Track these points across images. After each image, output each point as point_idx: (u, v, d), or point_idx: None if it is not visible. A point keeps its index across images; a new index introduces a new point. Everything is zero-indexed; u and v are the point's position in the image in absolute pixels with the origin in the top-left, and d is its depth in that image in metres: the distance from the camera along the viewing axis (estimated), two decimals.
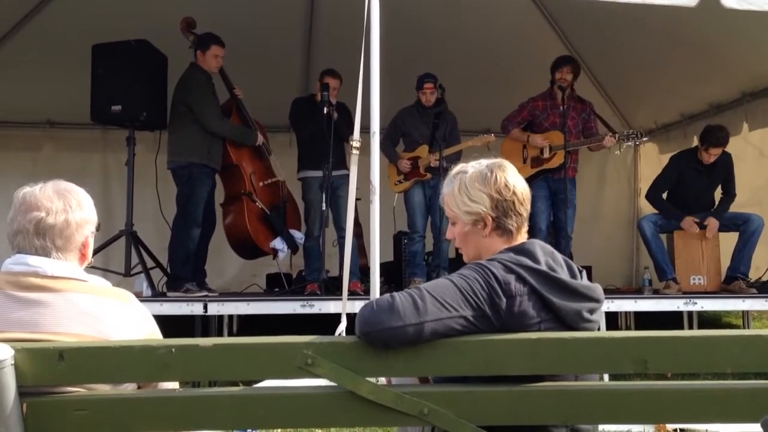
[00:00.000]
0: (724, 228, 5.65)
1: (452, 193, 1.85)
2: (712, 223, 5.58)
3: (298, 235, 5.86)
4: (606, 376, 2.54)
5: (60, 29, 6.22)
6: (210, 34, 5.37)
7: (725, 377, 1.63)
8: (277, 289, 6.10)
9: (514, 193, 1.80)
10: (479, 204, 1.80)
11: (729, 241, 5.66)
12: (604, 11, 4.87)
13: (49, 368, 1.52)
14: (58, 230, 1.72)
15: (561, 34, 7.21)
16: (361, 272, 5.56)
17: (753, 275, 5.63)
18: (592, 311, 1.69)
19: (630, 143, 5.87)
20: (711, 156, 5.62)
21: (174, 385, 1.74)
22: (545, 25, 7.08)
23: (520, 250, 1.71)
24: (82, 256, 1.80)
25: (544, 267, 1.66)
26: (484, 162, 1.86)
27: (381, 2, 3.91)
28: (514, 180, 1.82)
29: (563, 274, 1.69)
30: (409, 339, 1.54)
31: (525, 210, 1.83)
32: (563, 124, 5.67)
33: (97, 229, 1.85)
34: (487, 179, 1.80)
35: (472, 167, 1.85)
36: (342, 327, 3.94)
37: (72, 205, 1.75)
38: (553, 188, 5.74)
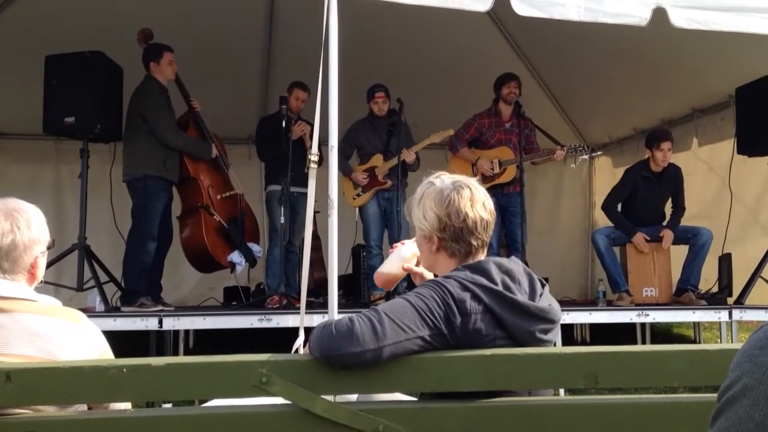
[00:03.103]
0: (674, 241, 5.78)
1: (414, 202, 1.87)
2: (668, 234, 5.70)
3: (257, 249, 5.82)
4: (562, 391, 2.57)
5: (12, 39, 6.09)
6: (157, 43, 5.34)
7: (679, 391, 1.68)
8: (234, 303, 6.04)
9: (464, 220, 1.77)
10: (429, 222, 1.81)
11: (679, 253, 5.79)
12: (559, 29, 4.96)
13: None
14: (5, 252, 1.69)
15: (518, 51, 7.33)
16: (320, 285, 5.54)
17: (703, 287, 5.76)
18: (546, 331, 1.70)
19: (581, 156, 6.00)
20: (664, 153, 5.69)
21: (126, 405, 1.71)
22: (503, 42, 7.18)
23: (476, 268, 1.71)
24: (32, 276, 1.76)
25: (499, 287, 1.67)
26: (451, 179, 1.84)
27: (340, 16, 3.93)
28: (469, 207, 1.78)
29: (520, 293, 1.70)
30: (368, 363, 1.56)
31: (477, 238, 1.79)
32: (509, 140, 5.80)
33: (50, 247, 1.81)
34: (442, 200, 1.79)
35: (440, 181, 1.84)
36: (299, 341, 3.92)
37: (20, 226, 1.71)
38: (503, 203, 5.83)
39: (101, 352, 1.74)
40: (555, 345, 1.77)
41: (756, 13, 4.22)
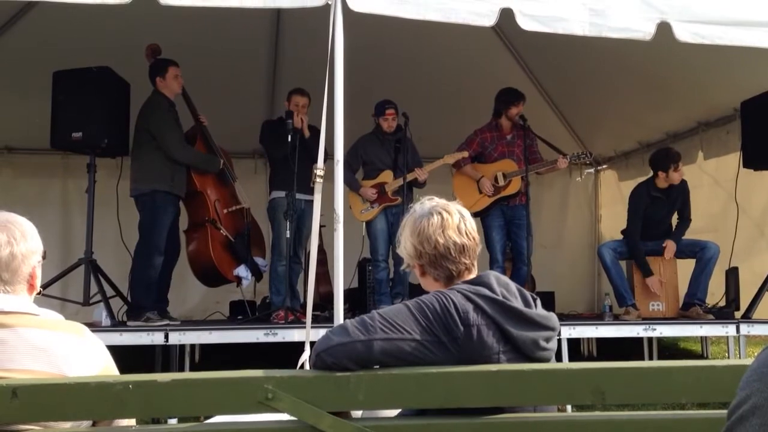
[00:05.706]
0: (681, 255, 5.76)
1: (399, 229, 1.92)
2: (670, 245, 5.69)
3: (262, 263, 5.82)
4: (569, 407, 2.55)
5: (20, 55, 6.14)
6: (162, 58, 5.37)
7: (687, 407, 1.66)
8: (240, 317, 6.03)
9: (436, 248, 1.80)
10: (407, 251, 1.87)
11: (686, 267, 5.77)
12: (564, 43, 4.97)
13: (1, 406, 1.49)
14: (4, 264, 1.69)
15: (523, 65, 7.35)
16: (326, 299, 5.52)
17: (710, 301, 5.74)
18: (548, 339, 1.72)
19: (584, 163, 5.97)
20: (680, 174, 5.72)
21: (131, 421, 1.71)
22: (508, 55, 7.20)
23: (477, 281, 1.75)
24: (31, 287, 1.77)
25: (500, 297, 1.69)
26: (430, 204, 1.87)
27: (345, 32, 3.95)
28: (439, 233, 1.81)
29: (517, 304, 1.72)
30: (360, 355, 1.58)
31: (453, 263, 1.81)
32: (512, 152, 5.82)
33: (44, 257, 1.82)
34: (414, 229, 1.84)
35: (420, 207, 1.88)
36: (305, 356, 3.91)
37: (16, 237, 1.72)
38: (508, 216, 5.82)
39: (105, 365, 1.74)
40: (561, 360, 1.77)
41: (760, 27, 4.23)
